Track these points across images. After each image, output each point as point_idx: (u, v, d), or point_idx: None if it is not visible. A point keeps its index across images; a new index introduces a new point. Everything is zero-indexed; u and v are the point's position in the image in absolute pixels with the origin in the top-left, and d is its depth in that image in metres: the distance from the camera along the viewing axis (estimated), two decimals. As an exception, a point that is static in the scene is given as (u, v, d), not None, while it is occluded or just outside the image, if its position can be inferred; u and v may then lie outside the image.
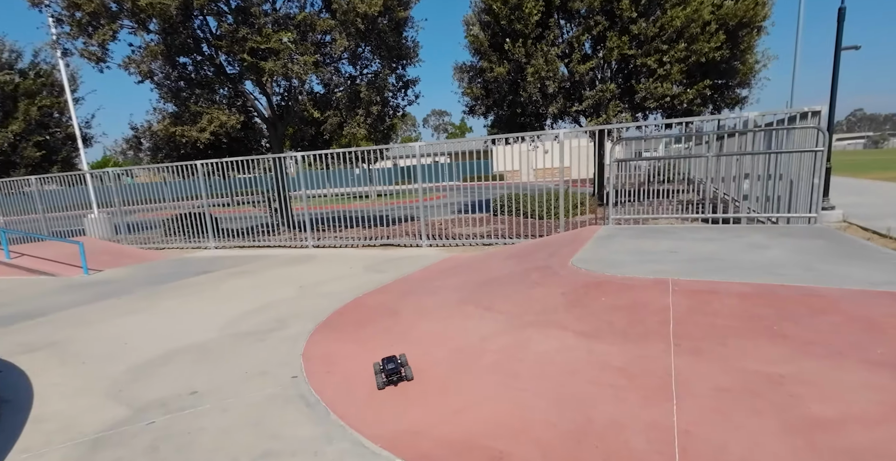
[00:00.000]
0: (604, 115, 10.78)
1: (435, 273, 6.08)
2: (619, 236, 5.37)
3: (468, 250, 8.06)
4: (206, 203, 9.80)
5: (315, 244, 9.41)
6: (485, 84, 12.39)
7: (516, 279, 4.03)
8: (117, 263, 8.15)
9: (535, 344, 2.86)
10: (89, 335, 4.32)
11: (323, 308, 4.80)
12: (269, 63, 8.26)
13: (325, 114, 10.14)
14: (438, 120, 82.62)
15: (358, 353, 3.42)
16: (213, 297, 5.60)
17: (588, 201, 10.83)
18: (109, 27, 8.58)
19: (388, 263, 7.25)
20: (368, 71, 10.89)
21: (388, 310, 4.32)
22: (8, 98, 13.05)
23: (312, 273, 6.81)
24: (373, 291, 5.32)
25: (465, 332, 3.26)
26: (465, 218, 11.42)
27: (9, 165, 13.18)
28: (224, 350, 3.72)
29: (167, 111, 10.75)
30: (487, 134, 13.81)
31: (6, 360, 3.67)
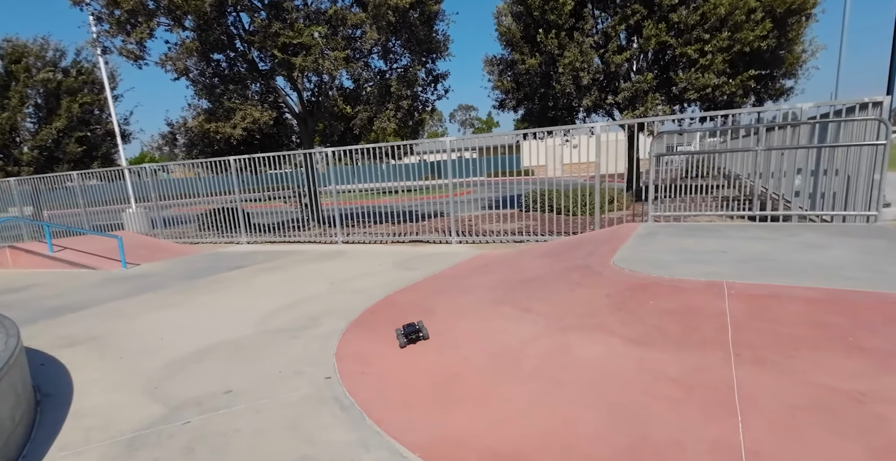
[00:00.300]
0: (641, 108, 10.41)
1: (466, 270, 5.95)
2: (661, 234, 5.12)
3: (499, 247, 7.91)
4: (238, 198, 9.93)
5: (344, 240, 9.42)
6: (515, 77, 12.15)
7: (555, 279, 3.86)
8: (154, 257, 8.33)
9: (580, 349, 2.70)
10: (127, 329, 4.38)
11: (354, 305, 4.75)
12: (300, 58, 8.26)
13: (355, 109, 10.11)
14: (465, 115, 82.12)
15: (391, 354, 3.34)
16: (246, 293, 5.63)
17: (622, 197, 10.50)
18: (147, 25, 8.73)
19: (418, 260, 7.16)
20: (398, 65, 10.80)
21: (421, 309, 4.22)
22: (52, 95, 13.53)
23: (342, 269, 6.79)
24: (404, 289, 5.24)
25: (503, 335, 3.13)
26: (494, 214, 11.25)
27: (53, 161, 13.69)
28: (258, 347, 3.69)
29: (202, 107, 10.92)
30: (514, 129, 13.52)
31: (49, 354, 3.73)
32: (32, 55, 13.14)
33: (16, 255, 8.18)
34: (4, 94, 12.96)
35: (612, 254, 4.17)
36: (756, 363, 2.27)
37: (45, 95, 13.53)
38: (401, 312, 4.34)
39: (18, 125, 13.05)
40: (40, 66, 13.26)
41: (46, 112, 13.67)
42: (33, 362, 3.57)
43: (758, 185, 6.78)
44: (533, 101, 12.35)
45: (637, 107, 10.65)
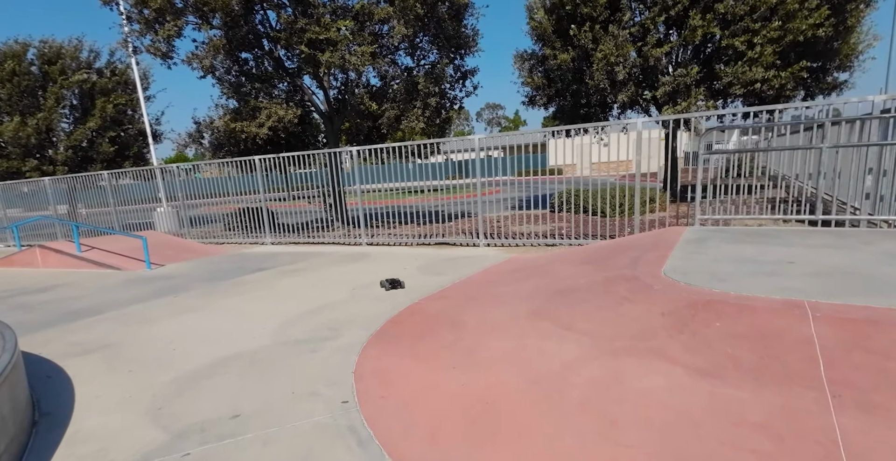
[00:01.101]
0: (682, 103, 9.80)
1: (497, 276, 5.59)
2: (713, 240, 4.64)
3: (529, 251, 7.50)
4: (263, 198, 9.82)
5: (368, 241, 9.17)
6: (547, 73, 11.67)
7: (598, 290, 3.46)
8: (179, 258, 8.26)
9: (636, 379, 2.31)
10: (142, 336, 4.19)
11: (377, 314, 4.45)
12: (326, 54, 8.04)
13: (381, 106, 9.85)
14: (492, 113, 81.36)
15: (416, 373, 3.02)
16: (267, 297, 5.41)
17: (659, 197, 9.92)
18: (174, 23, 8.68)
19: (445, 264, 6.84)
20: (425, 62, 10.50)
21: (448, 321, 3.89)
22: (86, 96, 13.79)
23: (366, 273, 6.52)
24: (431, 296, 4.92)
25: (542, 356, 2.76)
26: (522, 215, 10.83)
27: (86, 160, 13.95)
28: (273, 361, 3.43)
29: (228, 107, 10.88)
30: (542, 127, 13.07)
31: (57, 364, 3.56)
32: (67, 56, 13.41)
33: (45, 255, 8.24)
34: (41, 95, 13.27)
35: (661, 262, 3.74)
36: (863, 409, 1.84)
37: (79, 96, 13.80)
38: (426, 324, 4.02)
39: (54, 125, 13.33)
40: (75, 67, 13.53)
41: (81, 112, 13.94)
42: (40, 374, 3.40)
43: (821, 186, 6.16)
44: (564, 98, 11.84)
45: (678, 102, 10.03)
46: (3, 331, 3.02)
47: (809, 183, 8.12)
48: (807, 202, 8.18)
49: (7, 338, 2.84)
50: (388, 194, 10.17)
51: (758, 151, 6.84)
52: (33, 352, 3.89)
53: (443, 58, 9.74)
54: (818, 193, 5.47)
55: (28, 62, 13.20)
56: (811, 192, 7.72)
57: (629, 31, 9.91)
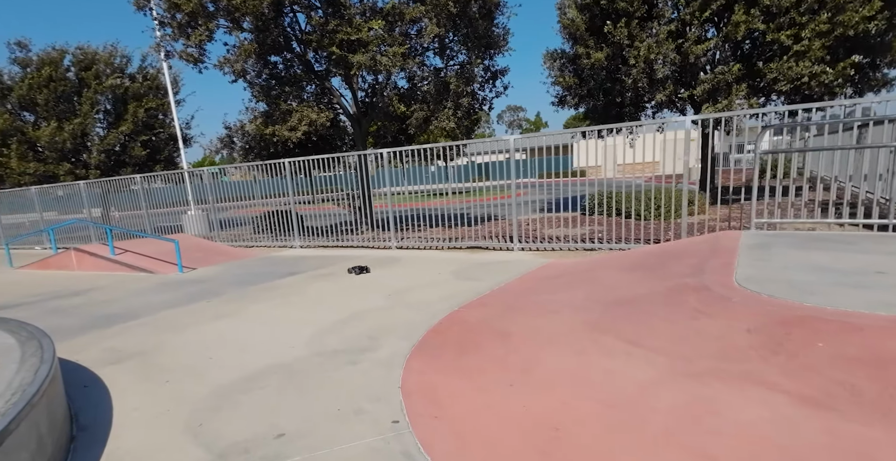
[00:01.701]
0: (723, 101, 9.37)
1: (537, 283, 5.33)
2: (777, 246, 4.30)
3: (566, 255, 7.22)
4: (292, 201, 9.76)
5: (398, 245, 9.00)
6: (578, 72, 11.36)
7: (663, 301, 3.18)
8: (209, 261, 8.23)
9: (729, 408, 2.04)
10: (176, 343, 4.07)
11: (416, 323, 4.24)
12: (357, 56, 7.92)
13: (411, 108, 9.70)
14: (513, 115, 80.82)
15: (467, 391, 2.79)
16: (299, 303, 5.27)
17: (698, 200, 9.48)
18: (206, 27, 8.69)
19: (480, 269, 6.60)
20: (455, 62, 10.31)
21: (495, 332, 3.66)
22: (119, 101, 14.04)
23: (399, 278, 6.33)
24: (470, 304, 4.69)
25: (611, 377, 2.50)
26: (554, 218, 10.52)
27: (119, 164, 14.19)
28: (312, 373, 3.25)
29: (259, 110, 10.88)
30: (563, 128, 12.69)
31: (94, 372, 3.45)
32: (102, 62, 13.68)
33: (80, 258, 8.31)
34: (76, 100, 13.56)
35: (728, 270, 3.44)
36: None
37: (113, 101, 14.07)
38: (470, 334, 3.79)
39: (89, 130, 13.60)
40: (109, 72, 13.79)
41: (114, 117, 14.20)
42: (77, 382, 3.29)
43: (878, 188, 5.72)
44: (597, 97, 11.50)
45: (717, 101, 9.61)
46: (42, 339, 2.91)
47: (857, 184, 7.61)
48: (860, 205, 7.68)
49: (45, 348, 2.72)
50: (414, 197, 9.99)
51: (823, 150, 6.41)
52: (70, 358, 3.80)
53: (473, 57, 9.53)
54: (874, 196, 5.07)
55: (64, 68, 13.52)
56: (862, 195, 7.23)
57: (668, 28, 9.53)
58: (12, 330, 3.13)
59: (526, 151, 8.82)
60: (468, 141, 7.82)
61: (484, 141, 8.08)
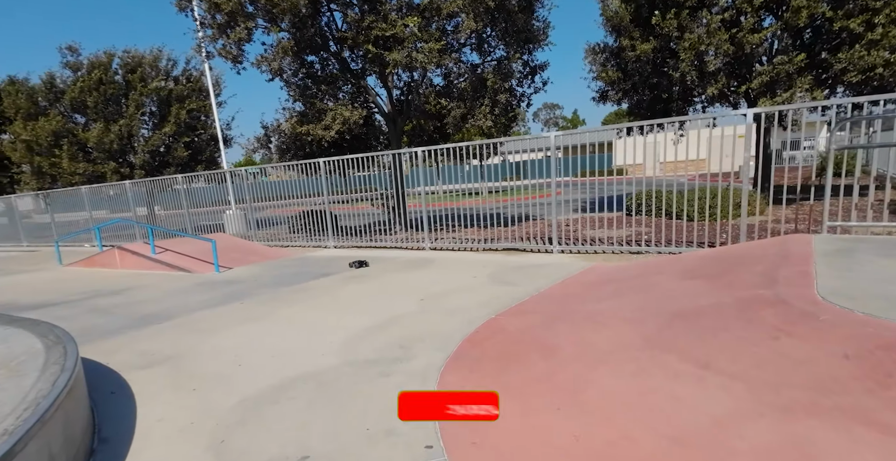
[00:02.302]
0: (783, 94, 8.68)
1: (581, 289, 4.99)
2: (860, 252, 3.81)
3: (611, 259, 6.81)
4: (327, 200, 9.71)
5: (432, 246, 8.78)
6: (622, 66, 10.83)
7: (732, 316, 2.81)
8: (245, 261, 8.25)
9: (831, 452, 1.68)
10: (207, 347, 3.97)
11: (451, 330, 3.99)
12: (393, 53, 7.75)
13: (447, 105, 9.46)
14: (549, 113, 79.45)
15: (510, 412, 2.51)
16: (331, 306, 5.12)
17: (759, 201, 8.83)
18: (245, 26, 8.73)
19: (517, 272, 6.29)
20: (492, 58, 10.00)
21: (538, 344, 3.36)
22: (163, 102, 14.46)
23: (433, 281, 6.10)
24: (509, 311, 4.40)
25: (679, 405, 2.17)
26: (595, 218, 10.03)
27: (163, 165, 14.61)
28: (343, 386, 3.05)
29: (295, 110, 10.92)
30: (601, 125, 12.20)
31: (123, 377, 3.37)
32: (147, 65, 14.10)
33: (123, 256, 8.50)
34: (123, 102, 14.03)
35: (806, 281, 3.02)
36: None
37: (157, 103, 14.49)
38: (511, 346, 3.51)
39: (135, 131, 14.05)
40: (154, 74, 14.21)
41: (158, 118, 14.63)
42: (104, 388, 3.21)
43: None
44: (641, 92, 10.94)
45: (777, 93, 8.91)
46: (67, 345, 2.82)
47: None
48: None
49: (69, 355, 2.62)
50: (448, 196, 9.75)
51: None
52: (101, 361, 3.75)
53: (512, 53, 9.19)
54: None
55: (113, 71, 14.02)
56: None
57: (721, 17, 8.91)
58: (42, 333, 3.07)
59: (562, 149, 8.45)
60: (507, 138, 7.53)
61: (523, 138, 7.74)
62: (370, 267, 7.32)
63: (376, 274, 6.79)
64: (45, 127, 13.50)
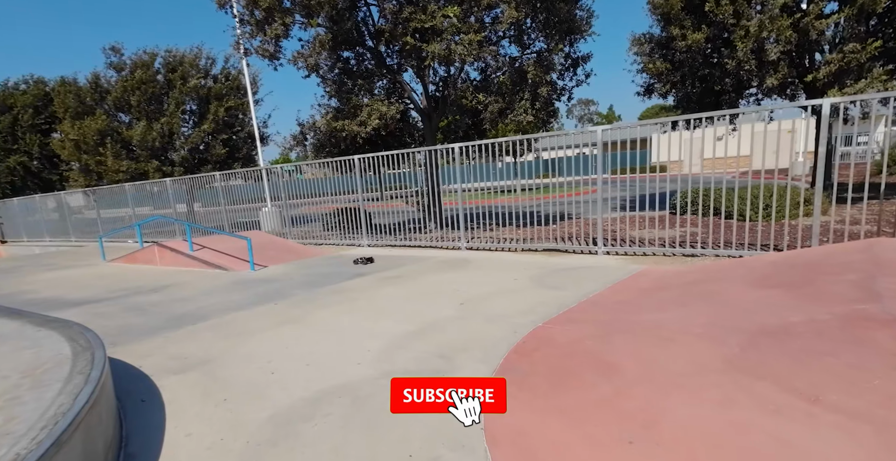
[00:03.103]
0: (854, 85, 7.94)
1: (635, 296, 4.60)
2: (972, 263, 3.29)
3: (662, 262, 6.35)
4: (361, 198, 9.56)
5: (468, 245, 8.49)
6: (670, 57, 10.22)
7: (834, 337, 2.40)
8: (280, 259, 8.18)
9: None
10: (241, 352, 3.81)
11: (495, 339, 3.70)
12: (431, 45, 7.48)
13: (485, 100, 9.13)
14: (584, 110, 77.67)
15: (573, 444, 2.20)
16: (366, 310, 4.90)
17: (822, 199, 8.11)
18: (282, 21, 8.65)
19: (561, 275, 5.93)
20: (531, 50, 9.60)
21: (594, 360, 3.03)
22: (202, 101, 14.68)
23: (471, 283, 5.81)
24: (556, 319, 4.07)
25: (787, 451, 1.80)
26: (638, 217, 9.50)
27: (202, 162, 14.86)
28: (381, 401, 2.80)
29: (330, 106, 10.82)
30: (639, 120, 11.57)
31: (155, 384, 3.23)
32: (187, 64, 14.34)
33: (162, 253, 8.58)
34: (165, 100, 14.33)
35: (918, 297, 2.57)
36: None
37: (197, 101, 14.73)
38: (564, 360, 3.18)
39: (175, 129, 14.32)
40: (194, 73, 14.43)
41: (198, 116, 14.87)
42: (136, 394, 3.08)
43: None
44: (691, 84, 10.30)
45: (846, 84, 8.17)
46: (96, 351, 2.68)
47: None
48: None
49: (95, 363, 2.47)
50: (483, 194, 9.42)
51: None
52: (135, 364, 3.64)
53: (555, 44, 8.75)
54: None
55: (155, 71, 14.32)
56: None
57: (783, 2, 8.23)
58: (72, 337, 2.95)
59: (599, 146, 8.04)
60: (549, 134, 7.14)
61: (566, 133, 7.33)
62: (406, 267, 7.10)
63: (412, 275, 6.55)
64: (91, 126, 13.93)
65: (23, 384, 2.25)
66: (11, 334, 3.13)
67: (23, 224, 17.80)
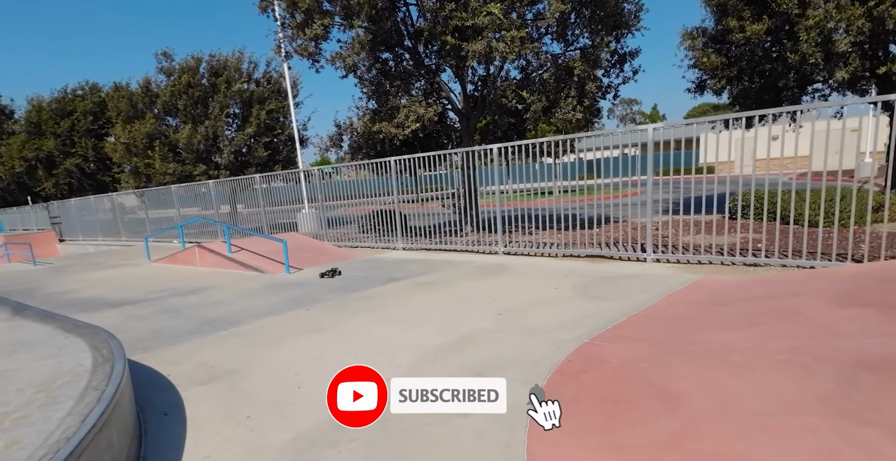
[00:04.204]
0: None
1: (693, 310, 4.17)
2: None
3: (719, 271, 5.83)
4: (397, 200, 9.41)
5: (505, 250, 8.16)
6: (726, 50, 9.55)
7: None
8: (315, 262, 8.11)
9: None
10: (268, 361, 3.66)
11: (536, 356, 3.39)
12: (472, 43, 7.22)
13: (528, 99, 8.78)
14: (626, 109, 75.36)
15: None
16: (398, 319, 4.67)
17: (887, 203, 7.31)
18: (321, 22, 8.61)
19: (607, 284, 5.53)
20: (575, 47, 9.18)
21: (653, 387, 2.67)
22: (245, 104, 14.99)
23: (509, 291, 5.49)
24: (605, 335, 3.71)
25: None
26: (690, 221, 8.88)
27: (244, 165, 15.16)
28: (410, 426, 2.56)
29: (368, 107, 10.75)
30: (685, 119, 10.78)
31: (180, 395, 3.10)
32: (231, 68, 14.67)
33: (203, 254, 8.68)
34: (210, 104, 14.70)
35: None
36: None
37: (240, 104, 15.05)
38: (616, 386, 2.83)
39: (220, 132, 14.67)
40: (237, 77, 14.76)
41: (241, 120, 15.19)
42: (159, 406, 2.95)
43: None
44: (749, 80, 9.59)
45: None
46: (116, 364, 2.55)
47: None
48: None
49: (112, 378, 2.32)
50: (520, 196, 9.05)
51: None
52: (163, 372, 3.54)
53: (601, 39, 8.29)
54: None
55: (200, 75, 14.73)
56: None
57: (856, -14, 7.50)
58: (96, 346, 2.85)
59: (639, 146, 7.57)
60: (598, 133, 6.74)
61: (613, 132, 6.88)
62: (441, 272, 6.85)
63: (447, 281, 6.30)
64: (140, 129, 14.47)
65: (35, 400, 2.13)
66: (40, 340, 3.08)
67: (79, 223, 18.71)
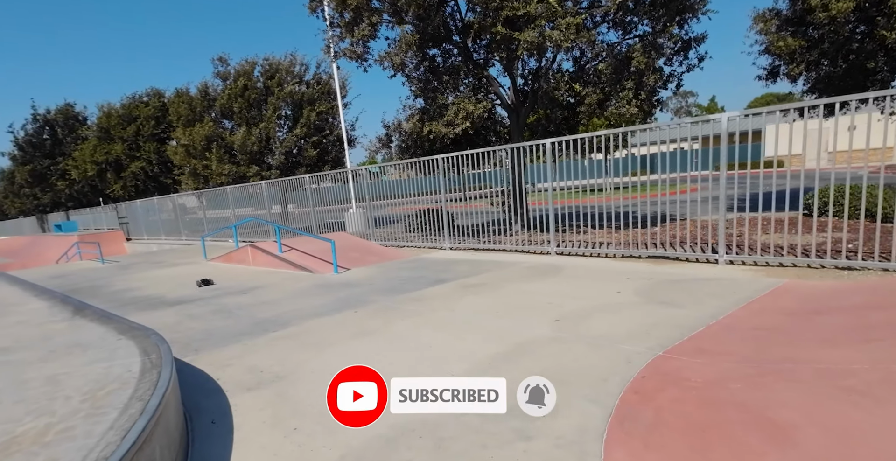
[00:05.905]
0: None
1: (784, 320, 3.69)
2: None
3: (806, 274, 5.22)
4: (444, 198, 9.20)
5: (557, 250, 7.76)
6: (804, 32, 8.68)
7: None
8: (363, 262, 8.04)
9: None
10: (316, 367, 3.53)
11: (603, 371, 3.06)
12: (524, 33, 6.88)
13: (582, 91, 8.33)
14: (680, 102, 71.73)
15: None
16: (448, 323, 4.45)
17: None
18: (369, 22, 8.54)
19: (675, 289, 5.08)
20: (633, 35, 8.62)
21: (749, 414, 2.29)
22: (296, 106, 15.28)
23: (565, 295, 5.14)
24: (681, 347, 3.32)
25: None
26: (764, 219, 8.10)
27: (295, 165, 15.47)
28: (467, 445, 2.32)
29: (416, 107, 10.63)
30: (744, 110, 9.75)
31: (228, 401, 3.01)
32: (283, 70, 14.99)
33: (255, 254, 8.84)
34: (263, 106, 15.09)
35: None
36: None
37: (291, 106, 15.36)
38: (703, 412, 2.46)
39: (272, 134, 15.03)
40: (289, 79, 15.07)
41: (292, 121, 15.51)
42: (208, 413, 2.87)
43: None
44: (833, 63, 8.67)
45: None
46: (163, 370, 2.45)
47: None
48: None
49: (158, 388, 2.22)
50: (569, 193, 8.58)
51: None
52: (213, 375, 3.48)
53: (661, 26, 7.71)
54: None
55: (255, 79, 15.15)
56: None
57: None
58: (146, 350, 2.79)
59: (700, 140, 6.97)
60: (666, 124, 6.22)
61: (681, 123, 6.33)
62: (490, 273, 6.58)
63: (497, 283, 6.02)
64: (199, 132, 15.06)
65: (81, 410, 2.05)
66: (94, 343, 3.07)
67: (143, 223, 19.81)
